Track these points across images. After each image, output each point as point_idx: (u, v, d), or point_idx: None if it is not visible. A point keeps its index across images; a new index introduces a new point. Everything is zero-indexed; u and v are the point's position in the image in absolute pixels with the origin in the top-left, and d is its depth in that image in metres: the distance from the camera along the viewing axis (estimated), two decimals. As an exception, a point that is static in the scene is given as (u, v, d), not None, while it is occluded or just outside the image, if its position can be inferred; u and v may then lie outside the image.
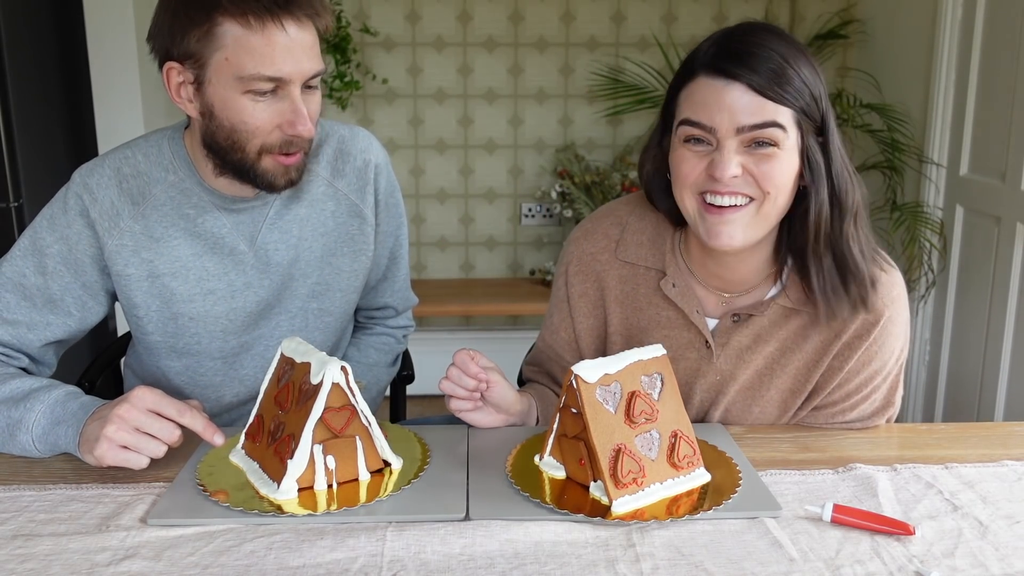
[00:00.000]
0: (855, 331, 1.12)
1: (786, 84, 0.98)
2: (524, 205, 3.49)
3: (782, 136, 1.00)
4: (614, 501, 0.93)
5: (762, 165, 1.00)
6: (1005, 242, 2.49)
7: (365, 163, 1.32)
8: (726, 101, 0.99)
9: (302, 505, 0.94)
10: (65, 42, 2.63)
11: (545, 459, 1.04)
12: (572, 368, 0.96)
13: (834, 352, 1.13)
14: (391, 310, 1.49)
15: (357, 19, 3.27)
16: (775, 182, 1.01)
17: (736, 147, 1.00)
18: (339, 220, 1.30)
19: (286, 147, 1.12)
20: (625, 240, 1.19)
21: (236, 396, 1.33)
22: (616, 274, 1.20)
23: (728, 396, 1.18)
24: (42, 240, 1.19)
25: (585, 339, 1.25)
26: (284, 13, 1.05)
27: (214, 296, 1.24)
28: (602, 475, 0.94)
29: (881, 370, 1.15)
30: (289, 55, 1.06)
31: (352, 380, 0.98)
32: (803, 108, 1.00)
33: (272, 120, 1.10)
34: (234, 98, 1.08)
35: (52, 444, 1.05)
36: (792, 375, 1.16)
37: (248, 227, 1.24)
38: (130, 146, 1.23)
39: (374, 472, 1.02)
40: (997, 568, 0.84)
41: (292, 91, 1.09)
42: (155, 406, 0.99)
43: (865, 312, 1.09)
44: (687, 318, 1.16)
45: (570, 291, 1.23)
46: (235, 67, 1.06)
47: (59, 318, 1.20)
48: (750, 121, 0.98)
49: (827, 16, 3.32)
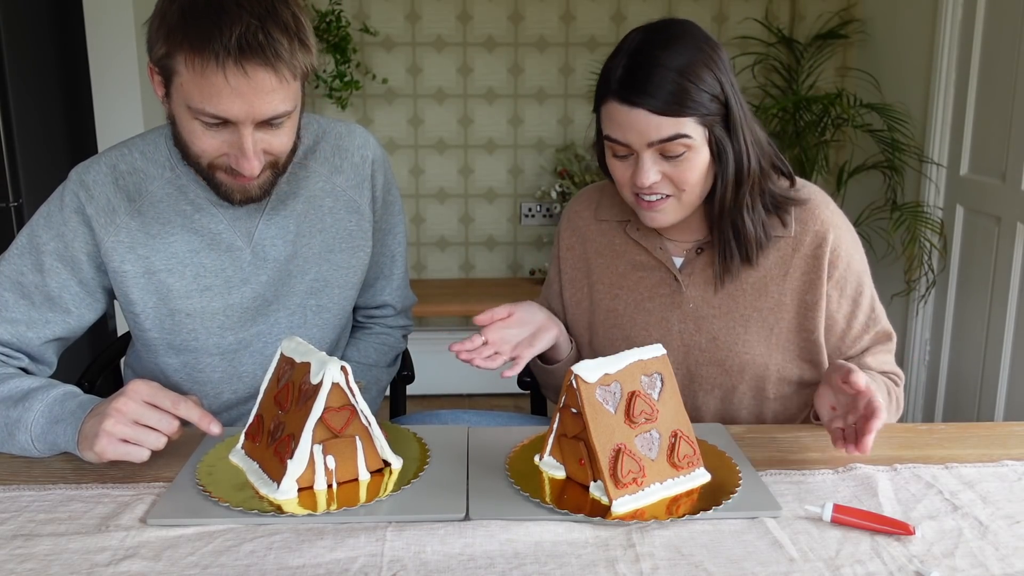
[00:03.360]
0: (811, 245, 1.23)
1: (685, 99, 1.10)
2: (524, 205, 3.49)
3: (689, 142, 1.13)
4: (614, 501, 0.93)
5: (677, 169, 1.14)
6: (1005, 242, 2.49)
7: (363, 159, 1.32)
8: (633, 123, 1.12)
9: (302, 505, 0.94)
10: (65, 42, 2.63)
11: (545, 459, 1.04)
12: (572, 368, 0.96)
13: (800, 270, 1.23)
14: (389, 308, 1.49)
15: (357, 19, 3.27)
16: (689, 181, 1.16)
17: (652, 156, 1.14)
18: (337, 216, 1.31)
19: (233, 171, 1.12)
20: (602, 203, 1.36)
21: (235, 393, 1.33)
22: (596, 229, 1.36)
23: (708, 323, 1.26)
24: (39, 238, 1.19)
25: (569, 289, 1.38)
26: (231, 62, 1.01)
27: (211, 292, 1.25)
28: (602, 475, 0.94)
29: (861, 273, 1.26)
30: (236, 99, 1.03)
31: (352, 380, 0.98)
32: (704, 111, 1.12)
33: (219, 148, 1.10)
34: (187, 119, 1.08)
35: (51, 443, 1.05)
36: (761, 294, 1.25)
37: (245, 223, 1.24)
38: (127, 144, 1.24)
39: (374, 472, 1.02)
40: (997, 568, 0.84)
41: (241, 129, 1.07)
42: (151, 398, 0.99)
43: (751, 266, 1.24)
44: (656, 257, 1.28)
45: (560, 245, 1.40)
46: (186, 96, 1.05)
47: (58, 315, 1.20)
48: (657, 137, 1.11)
49: (827, 16, 3.32)
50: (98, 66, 2.73)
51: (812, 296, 1.23)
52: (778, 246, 1.24)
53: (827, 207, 1.25)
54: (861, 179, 3.15)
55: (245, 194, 1.16)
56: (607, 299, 1.32)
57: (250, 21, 1.01)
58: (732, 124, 1.15)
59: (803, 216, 1.23)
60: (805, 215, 1.23)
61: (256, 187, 1.16)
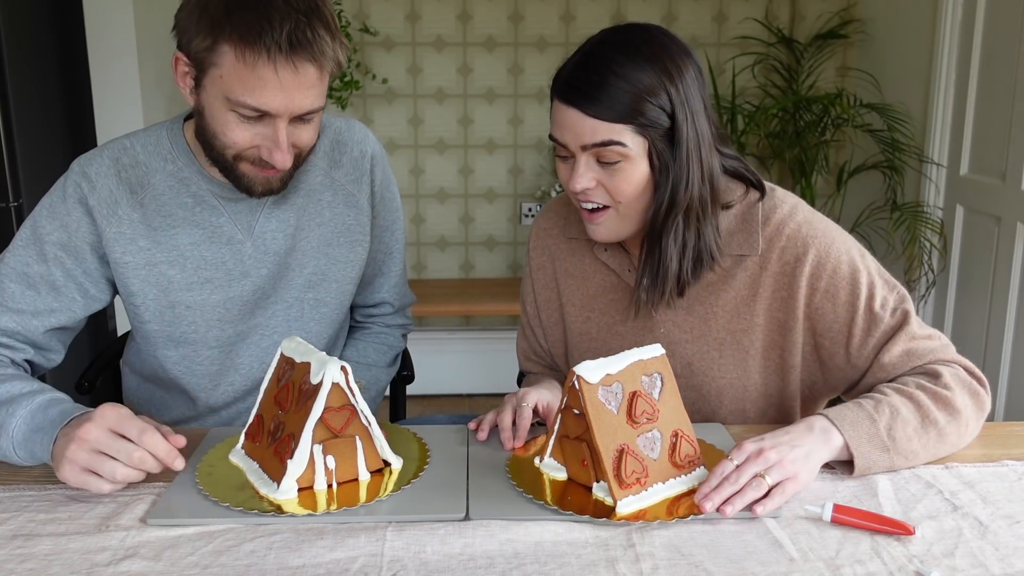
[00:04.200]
0: (778, 262, 1.15)
1: (623, 107, 1.05)
2: (524, 205, 3.49)
3: (624, 151, 1.08)
4: (618, 501, 0.93)
5: (612, 178, 1.10)
6: (1005, 242, 2.50)
7: (362, 153, 1.33)
8: (568, 123, 1.09)
9: (302, 505, 0.94)
10: (65, 42, 2.63)
11: (546, 461, 1.04)
12: (574, 369, 0.96)
13: (770, 288, 1.16)
14: (388, 306, 1.49)
15: (357, 19, 3.27)
16: (624, 193, 1.11)
17: (588, 161, 1.10)
18: (336, 210, 1.31)
19: (261, 163, 1.13)
20: (570, 219, 1.30)
21: (231, 386, 1.33)
22: (565, 248, 1.30)
23: (681, 348, 1.22)
24: (42, 228, 1.20)
25: (544, 310, 1.34)
26: (282, 58, 1.03)
27: (211, 284, 1.25)
28: (606, 476, 0.94)
29: (854, 272, 1.15)
30: (280, 92, 1.06)
31: (352, 380, 0.98)
32: (645, 123, 1.07)
33: (251, 140, 1.11)
34: (221, 111, 1.09)
35: (30, 451, 1.02)
36: (733, 316, 1.18)
37: (246, 216, 1.25)
38: (129, 137, 1.24)
39: (374, 472, 1.02)
40: (997, 568, 0.84)
41: (278, 123, 1.09)
42: (117, 426, 0.95)
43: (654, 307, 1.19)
44: (624, 280, 1.24)
45: (532, 264, 1.35)
46: (226, 88, 1.06)
47: (62, 304, 1.21)
48: (590, 141, 1.08)
49: (827, 16, 3.32)
50: (98, 66, 2.73)
51: (784, 314, 1.17)
52: (745, 265, 1.17)
53: (793, 219, 1.16)
54: (861, 179, 3.15)
55: (267, 186, 1.17)
56: (579, 322, 1.29)
57: (298, 18, 1.04)
58: (677, 143, 1.08)
59: (769, 233, 1.16)
60: (771, 232, 1.16)
61: (278, 179, 1.17)
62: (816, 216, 1.19)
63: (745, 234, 1.17)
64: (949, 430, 1.06)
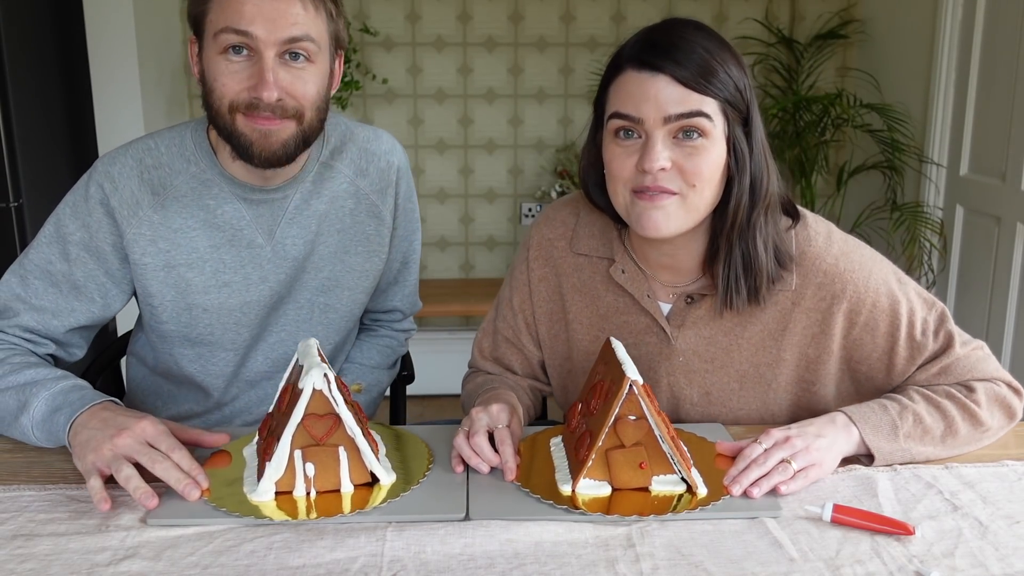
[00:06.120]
0: (814, 299, 1.11)
1: (710, 75, 1.00)
2: (524, 205, 3.49)
3: (709, 126, 1.01)
4: (702, 486, 0.97)
5: (691, 159, 1.02)
6: (1005, 242, 2.50)
7: (388, 164, 1.33)
8: (651, 92, 1.00)
9: (279, 508, 0.93)
10: (65, 42, 2.63)
11: (582, 482, 0.97)
12: (628, 376, 0.94)
13: (802, 324, 1.12)
14: (398, 313, 1.50)
15: (357, 19, 3.27)
16: (702, 175, 1.02)
17: (664, 139, 1.01)
18: (357, 219, 1.31)
19: (251, 109, 1.11)
20: (578, 232, 1.21)
21: (242, 383, 1.33)
22: (571, 263, 1.21)
23: (700, 377, 1.17)
24: (65, 227, 1.20)
25: (544, 323, 1.25)
26: None
27: (229, 289, 1.25)
28: (687, 463, 0.98)
29: (894, 303, 1.12)
30: (259, 14, 1.08)
31: (336, 390, 0.95)
32: (728, 99, 1.02)
33: (241, 83, 1.11)
34: (214, 60, 1.11)
35: (48, 431, 1.05)
36: (759, 349, 1.14)
37: (267, 220, 1.25)
38: (153, 137, 1.24)
39: (360, 485, 0.99)
40: (997, 568, 0.84)
41: (264, 54, 1.09)
42: (154, 440, 0.98)
43: (757, 303, 1.11)
44: (640, 304, 1.17)
45: (531, 275, 1.24)
46: (214, 24, 1.09)
47: (83, 304, 1.22)
48: (676, 111, 1.00)
49: (827, 16, 3.32)
50: (98, 66, 2.73)
51: (816, 351, 1.14)
52: (776, 300, 1.12)
53: (829, 253, 1.11)
54: (861, 179, 3.15)
55: (267, 149, 1.13)
56: (586, 341, 1.21)
57: None
58: (751, 132, 1.04)
59: (805, 268, 1.11)
60: (806, 266, 1.11)
61: (278, 143, 1.13)
62: (850, 244, 1.14)
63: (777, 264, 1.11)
64: (971, 442, 1.10)
